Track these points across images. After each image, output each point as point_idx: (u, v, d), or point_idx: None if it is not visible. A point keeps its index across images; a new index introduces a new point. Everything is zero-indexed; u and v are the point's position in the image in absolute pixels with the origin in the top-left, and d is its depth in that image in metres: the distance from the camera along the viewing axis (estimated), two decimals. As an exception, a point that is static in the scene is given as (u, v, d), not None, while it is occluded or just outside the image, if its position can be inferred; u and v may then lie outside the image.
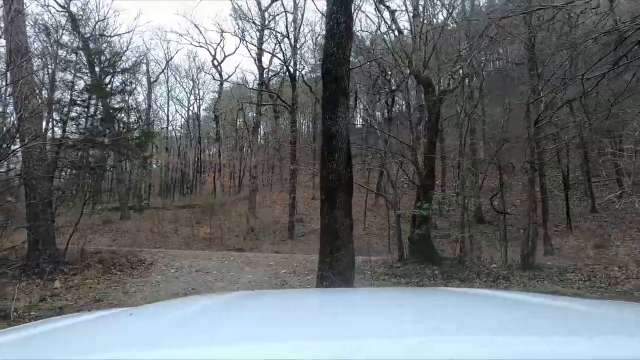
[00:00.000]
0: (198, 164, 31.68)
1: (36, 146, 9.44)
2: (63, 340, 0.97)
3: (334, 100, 4.64)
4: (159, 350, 0.78)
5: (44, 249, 9.56)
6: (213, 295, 2.07)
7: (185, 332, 0.95)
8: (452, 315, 1.12)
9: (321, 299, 1.64)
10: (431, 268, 8.75)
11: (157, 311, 1.35)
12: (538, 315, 1.09)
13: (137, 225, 20.03)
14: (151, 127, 22.11)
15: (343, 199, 4.56)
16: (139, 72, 20.23)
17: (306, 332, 0.90)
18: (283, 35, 20.48)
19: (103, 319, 1.26)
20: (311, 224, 22.79)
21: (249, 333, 0.90)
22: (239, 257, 11.98)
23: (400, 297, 1.58)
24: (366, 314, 1.15)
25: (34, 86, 9.39)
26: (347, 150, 4.68)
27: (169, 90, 30.54)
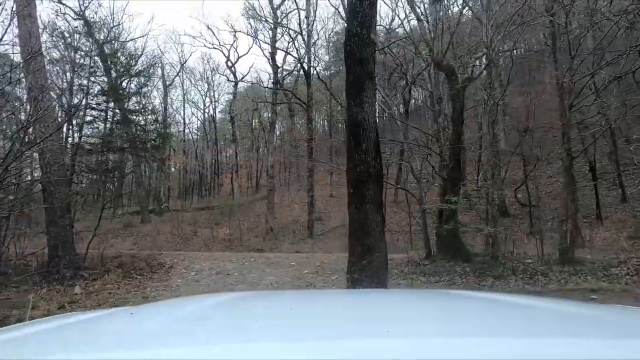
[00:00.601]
0: (215, 165, 31.58)
1: (53, 151, 9.28)
2: (63, 339, 0.96)
3: (359, 85, 4.19)
4: (159, 349, 0.76)
5: (64, 254, 9.38)
6: (213, 295, 2.04)
7: (185, 332, 0.93)
8: (453, 317, 1.12)
9: (321, 300, 1.60)
10: (461, 265, 8.22)
11: (157, 311, 1.33)
12: (538, 318, 1.08)
13: (157, 228, 19.94)
14: (167, 129, 21.98)
15: (373, 192, 4.11)
16: (155, 75, 20.14)
17: (306, 332, 0.89)
18: (296, 32, 20.09)
19: (103, 318, 1.24)
20: (330, 222, 22.38)
21: (249, 333, 0.89)
22: (259, 258, 11.63)
23: (401, 299, 1.58)
24: (366, 315, 1.14)
25: (48, 89, 9.20)
26: (376, 138, 4.23)
27: (184, 93, 30.54)
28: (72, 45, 14.29)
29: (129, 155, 17.21)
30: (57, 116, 9.63)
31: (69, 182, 10.23)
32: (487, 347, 0.71)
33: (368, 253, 4.00)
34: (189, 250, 16.25)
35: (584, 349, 0.70)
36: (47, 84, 9.35)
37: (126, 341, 0.88)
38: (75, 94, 13.25)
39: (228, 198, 27.23)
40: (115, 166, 16.00)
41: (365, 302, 1.45)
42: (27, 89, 9.39)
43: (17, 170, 4.74)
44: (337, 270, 9.65)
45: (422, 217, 9.33)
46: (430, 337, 0.81)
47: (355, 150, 4.16)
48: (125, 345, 0.84)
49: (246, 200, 26.54)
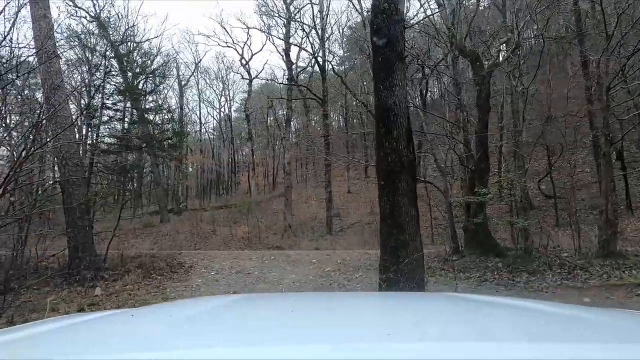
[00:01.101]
0: (232, 164, 31.48)
1: (70, 152, 9.15)
2: (64, 341, 0.94)
3: (388, 67, 3.79)
4: (159, 351, 0.76)
5: (84, 255, 9.26)
6: (214, 298, 2.01)
7: (185, 334, 0.93)
8: (453, 320, 1.11)
9: (322, 302, 1.59)
10: (493, 260, 7.75)
11: (158, 313, 1.33)
12: (536, 321, 1.06)
13: (177, 228, 19.88)
14: (183, 128, 21.84)
15: (406, 184, 3.72)
16: (170, 75, 20.01)
17: (306, 335, 0.87)
18: (310, 26, 19.69)
19: (104, 319, 1.23)
20: (348, 218, 21.99)
21: (249, 335, 0.89)
22: (279, 256, 11.34)
23: (401, 302, 1.57)
24: (367, 318, 1.14)
25: (62, 88, 9.06)
26: (407, 125, 3.84)
27: (199, 92, 30.47)
28: (87, 46, 14.25)
29: (147, 155, 17.16)
30: (71, 115, 9.46)
31: (87, 182, 10.11)
32: (488, 351, 0.70)
33: (403, 250, 3.62)
34: (208, 249, 16.09)
35: (584, 353, 0.69)
36: (61, 84, 9.19)
37: (126, 343, 0.87)
38: (91, 94, 13.18)
39: (245, 196, 27.07)
40: (133, 166, 15.89)
41: (366, 305, 1.44)
42: (43, 89, 9.28)
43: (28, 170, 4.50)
44: (360, 267, 9.28)
45: (447, 211, 8.87)
46: (430, 340, 0.80)
47: (385, 138, 3.77)
48: (126, 347, 0.83)
49: (263, 198, 26.35)
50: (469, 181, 8.34)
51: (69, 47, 14.22)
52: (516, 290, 6.56)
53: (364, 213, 22.29)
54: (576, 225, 7.89)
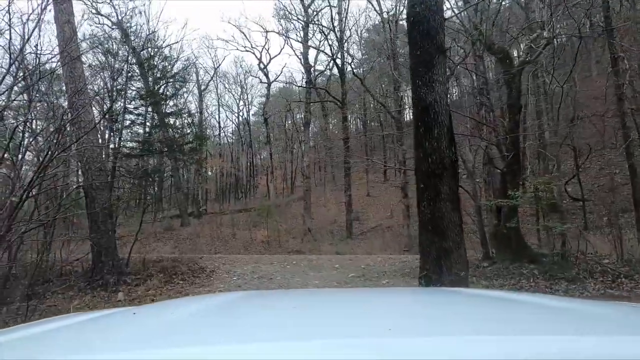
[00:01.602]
0: (251, 168, 31.46)
1: (93, 157, 9.11)
2: (65, 340, 0.94)
3: (427, 61, 3.50)
4: (161, 349, 0.75)
5: (107, 260, 9.18)
6: (215, 295, 1.96)
7: (188, 332, 0.92)
8: (454, 315, 1.09)
9: (323, 299, 1.54)
10: (527, 267, 7.31)
11: (160, 311, 1.31)
12: (538, 315, 1.06)
13: (197, 231, 19.87)
14: (203, 131, 21.81)
15: (448, 188, 3.42)
16: (190, 80, 20.03)
17: (308, 331, 0.87)
18: (329, 29, 19.49)
19: (105, 318, 1.22)
20: (368, 222, 21.65)
21: (252, 332, 0.88)
22: (300, 261, 11.09)
23: (403, 298, 1.55)
24: (368, 314, 1.12)
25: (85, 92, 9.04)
26: (449, 123, 3.53)
27: (218, 97, 30.58)
28: (109, 51, 14.36)
29: (167, 159, 17.18)
30: (94, 119, 9.43)
31: (110, 186, 10.06)
32: (490, 346, 0.68)
33: (446, 259, 3.31)
34: (228, 253, 15.98)
35: (590, 346, 0.68)
36: (84, 88, 9.18)
37: (128, 342, 0.85)
38: (114, 98, 13.25)
39: (264, 200, 26.97)
40: (155, 170, 15.89)
41: (367, 301, 1.42)
42: (66, 93, 9.29)
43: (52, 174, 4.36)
44: (385, 273, 8.95)
45: (477, 215, 8.46)
46: (432, 335, 0.79)
47: (425, 138, 3.47)
48: (127, 345, 0.81)
49: (282, 201, 26.18)
50: (500, 184, 7.92)
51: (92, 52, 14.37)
52: (556, 299, 6.13)
53: (384, 217, 21.92)
54: (617, 229, 7.39)
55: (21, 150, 6.01)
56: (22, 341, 0.92)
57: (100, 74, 12.48)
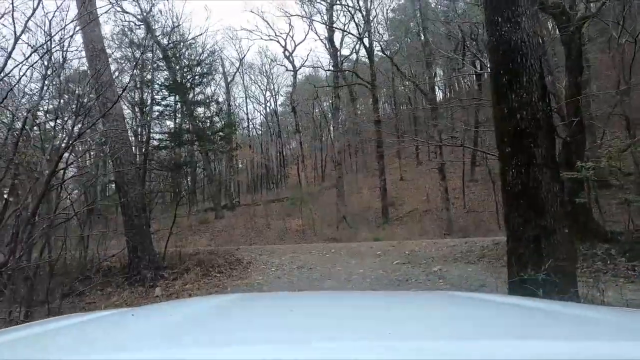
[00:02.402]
0: (280, 158, 31.04)
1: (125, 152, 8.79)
2: (64, 341, 0.93)
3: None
4: (159, 350, 0.75)
5: (144, 255, 8.86)
6: (214, 297, 1.95)
7: (186, 334, 0.92)
8: (454, 318, 1.09)
9: (322, 301, 1.55)
10: (601, 247, 6.37)
11: (159, 312, 1.31)
12: (537, 319, 1.06)
13: (232, 223, 19.65)
14: (233, 120, 21.32)
15: (545, 150, 2.65)
16: (216, 71, 19.56)
17: (306, 334, 0.86)
18: (354, 8, 18.50)
19: (104, 319, 1.21)
20: (404, 206, 20.76)
21: (250, 334, 0.88)
22: (340, 249, 10.46)
23: (402, 301, 1.53)
24: (368, 317, 1.11)
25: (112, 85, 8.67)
26: (540, 70, 2.74)
27: (245, 89, 30.17)
28: (134, 42, 14.09)
29: (199, 152, 16.91)
30: (122, 111, 9.06)
31: (142, 180, 9.72)
32: (490, 350, 0.69)
33: (546, 240, 2.55)
34: (264, 244, 15.59)
35: (586, 351, 0.68)
36: (111, 80, 8.80)
37: (127, 343, 0.85)
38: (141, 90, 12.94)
39: (295, 189, 26.49)
40: (186, 161, 15.57)
41: (366, 304, 1.40)
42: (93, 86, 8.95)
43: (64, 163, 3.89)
44: (434, 259, 8.18)
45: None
46: (432, 339, 0.79)
47: (509, 89, 2.70)
48: (126, 346, 0.81)
49: (314, 190, 25.62)
50: (564, 155, 6.94)
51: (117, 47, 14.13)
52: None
53: (420, 201, 20.96)
54: None
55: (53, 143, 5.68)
56: (22, 341, 0.90)
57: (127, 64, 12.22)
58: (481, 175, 21.54)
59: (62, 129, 4.75)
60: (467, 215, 18.54)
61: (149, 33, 17.18)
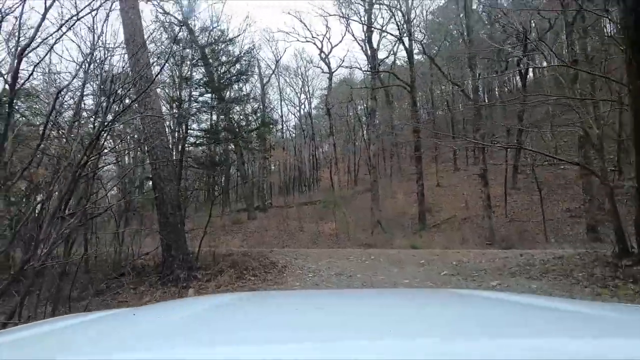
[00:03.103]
0: (313, 160, 30.61)
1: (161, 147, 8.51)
2: (65, 340, 0.91)
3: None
4: (162, 350, 0.75)
5: (177, 254, 8.52)
6: (214, 297, 1.84)
7: (188, 333, 0.90)
8: (455, 317, 1.07)
9: (322, 300, 1.49)
10: None
11: (160, 311, 1.29)
12: (541, 317, 1.04)
13: (264, 225, 19.33)
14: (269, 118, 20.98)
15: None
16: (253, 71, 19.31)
17: (307, 333, 0.85)
18: (394, 8, 17.82)
19: (105, 318, 1.19)
20: (441, 213, 19.77)
21: (251, 334, 0.85)
22: (378, 256, 9.78)
23: (403, 299, 1.51)
24: (369, 315, 1.10)
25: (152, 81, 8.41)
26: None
27: (280, 91, 29.99)
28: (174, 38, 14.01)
29: (233, 152, 16.70)
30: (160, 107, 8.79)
31: (178, 177, 9.42)
32: (492, 348, 0.68)
33: None
34: (297, 247, 15.10)
35: (590, 349, 0.68)
36: (150, 75, 8.55)
37: (128, 342, 0.84)
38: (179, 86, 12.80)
39: (328, 192, 25.95)
40: (222, 160, 15.32)
41: (366, 302, 1.38)
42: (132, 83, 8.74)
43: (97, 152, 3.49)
44: (487, 272, 7.37)
45: (609, 200, 6.58)
46: (432, 336, 0.77)
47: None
48: (128, 346, 0.80)
49: (346, 193, 24.99)
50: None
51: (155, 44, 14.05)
52: None
53: (458, 207, 19.90)
54: None
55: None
56: (22, 341, 0.89)
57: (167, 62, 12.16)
58: (523, 183, 20.30)
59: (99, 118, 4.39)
60: (510, 224, 17.38)
61: (189, 33, 17.17)
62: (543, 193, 17.10)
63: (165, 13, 17.52)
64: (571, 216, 16.33)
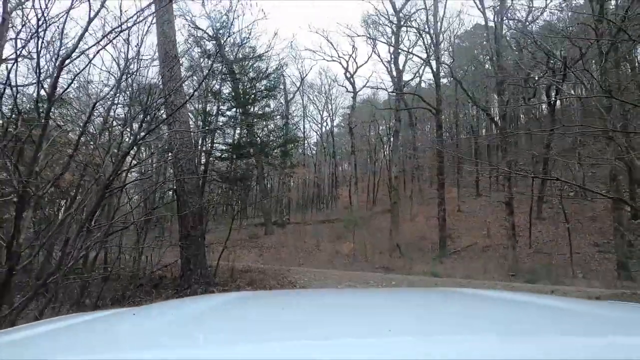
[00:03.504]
0: (333, 178, 30.44)
1: (187, 157, 8.50)
2: (66, 340, 0.90)
3: None
4: (161, 350, 0.74)
5: (196, 268, 8.39)
6: (214, 296, 1.83)
7: (187, 333, 0.91)
8: (455, 315, 1.08)
9: (323, 299, 1.48)
10: None
11: (160, 311, 1.28)
12: (540, 316, 1.04)
13: (281, 241, 19.12)
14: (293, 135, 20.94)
15: None
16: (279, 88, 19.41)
17: (305, 332, 0.85)
18: (423, 31, 17.79)
19: (105, 318, 1.17)
20: (461, 239, 19.17)
21: (251, 333, 0.86)
22: (401, 282, 9.43)
23: (402, 298, 1.50)
24: (368, 314, 1.10)
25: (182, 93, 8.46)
26: None
27: (304, 107, 30.17)
28: (205, 51, 14.25)
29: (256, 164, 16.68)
30: (188, 121, 8.80)
31: (201, 191, 9.36)
32: (491, 346, 0.67)
33: None
34: (313, 265, 14.81)
35: (589, 347, 0.67)
36: (180, 88, 8.61)
37: (128, 342, 0.84)
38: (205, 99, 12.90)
39: (346, 211, 25.65)
40: (245, 174, 15.30)
41: (367, 302, 1.37)
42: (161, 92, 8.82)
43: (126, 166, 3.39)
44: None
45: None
46: (432, 335, 0.77)
47: None
48: (128, 345, 0.80)
49: (366, 214, 24.63)
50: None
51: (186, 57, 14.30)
52: None
53: (479, 235, 19.28)
54: None
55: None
56: (23, 341, 0.87)
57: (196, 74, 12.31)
58: (548, 213, 19.60)
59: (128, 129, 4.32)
60: (534, 256, 16.68)
61: (219, 48, 17.47)
62: (574, 225, 16.45)
63: (196, 27, 17.93)
64: (599, 251, 15.60)
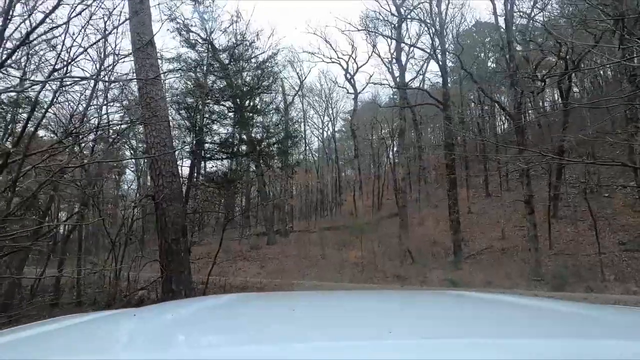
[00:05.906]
0: (336, 184, 28.89)
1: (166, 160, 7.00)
2: (66, 341, 0.87)
3: None
4: (161, 351, 0.71)
5: (178, 288, 6.81)
6: (214, 297, 1.81)
7: (188, 333, 0.88)
8: (454, 317, 1.06)
9: (323, 301, 1.49)
10: None
11: (160, 312, 1.26)
12: (538, 318, 1.02)
13: (284, 251, 17.54)
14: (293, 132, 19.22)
15: None
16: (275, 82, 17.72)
17: (308, 333, 0.83)
18: (427, 23, 16.35)
19: (105, 319, 1.15)
20: (475, 243, 17.51)
21: (252, 334, 0.84)
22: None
23: (402, 299, 1.49)
24: (368, 316, 1.07)
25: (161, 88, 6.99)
26: None
27: (304, 112, 28.69)
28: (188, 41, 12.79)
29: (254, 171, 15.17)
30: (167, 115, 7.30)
31: (186, 197, 7.81)
32: (490, 348, 0.66)
33: None
34: (319, 276, 13.21)
35: (585, 350, 0.65)
36: (158, 79, 7.14)
37: (128, 342, 0.84)
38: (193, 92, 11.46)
39: (351, 217, 24.04)
40: (236, 176, 13.62)
41: (368, 303, 1.35)
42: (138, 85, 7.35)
43: None
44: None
45: None
46: (432, 337, 0.75)
47: None
48: (128, 346, 0.80)
49: (371, 219, 23.00)
50: None
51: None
52: None
53: (494, 237, 17.60)
54: None
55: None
56: (23, 341, 0.85)
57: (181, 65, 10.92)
58: (564, 212, 17.95)
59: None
60: (556, 258, 14.91)
61: (213, 52, 16.00)
62: (588, 223, 14.85)
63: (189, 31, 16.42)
64: (626, 250, 13.90)
